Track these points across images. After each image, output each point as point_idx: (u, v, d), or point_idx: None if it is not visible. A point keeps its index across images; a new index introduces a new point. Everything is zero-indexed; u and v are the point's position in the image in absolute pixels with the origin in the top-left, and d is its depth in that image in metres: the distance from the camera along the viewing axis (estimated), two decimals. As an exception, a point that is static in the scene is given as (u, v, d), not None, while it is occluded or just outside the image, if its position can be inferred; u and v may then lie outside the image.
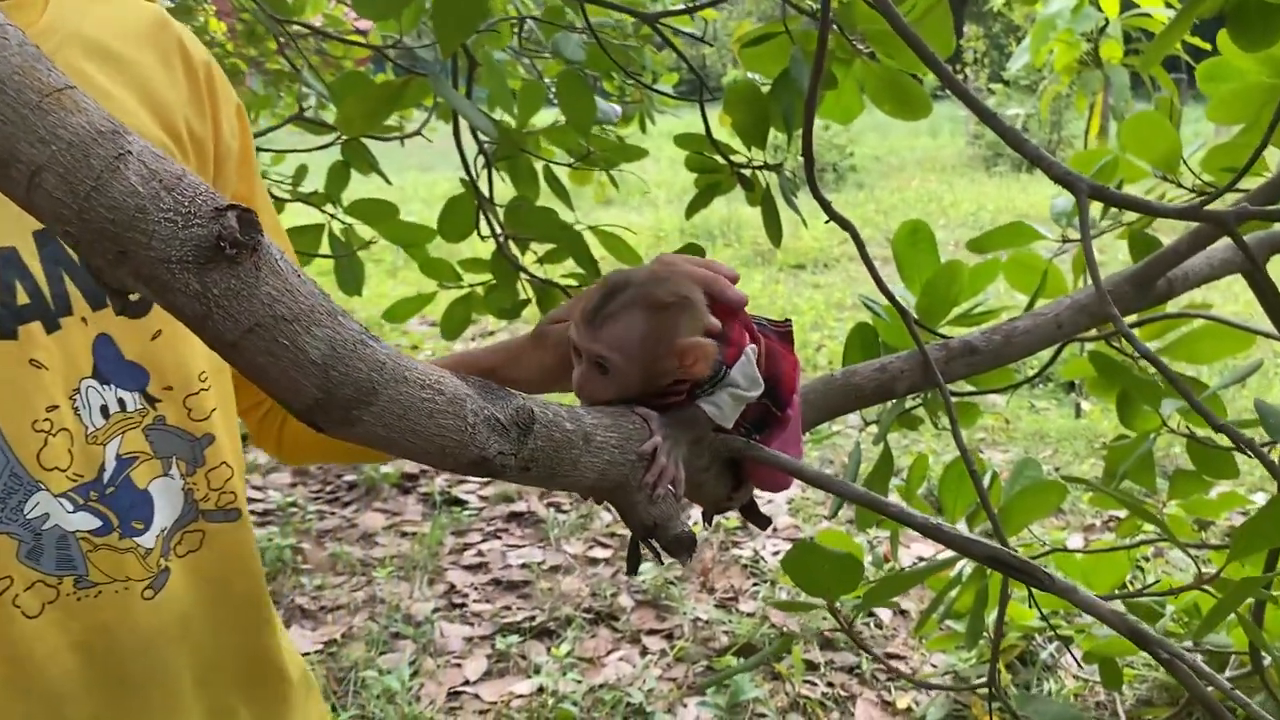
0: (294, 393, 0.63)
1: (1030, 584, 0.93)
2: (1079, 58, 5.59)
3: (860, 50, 1.92)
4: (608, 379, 0.96)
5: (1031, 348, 1.38)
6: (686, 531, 0.88)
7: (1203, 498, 2.39)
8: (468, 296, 2.40)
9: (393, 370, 0.65)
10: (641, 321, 0.97)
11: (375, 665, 3.39)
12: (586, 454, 0.78)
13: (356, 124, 1.60)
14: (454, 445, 0.67)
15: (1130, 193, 1.60)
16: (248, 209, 0.60)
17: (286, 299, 0.61)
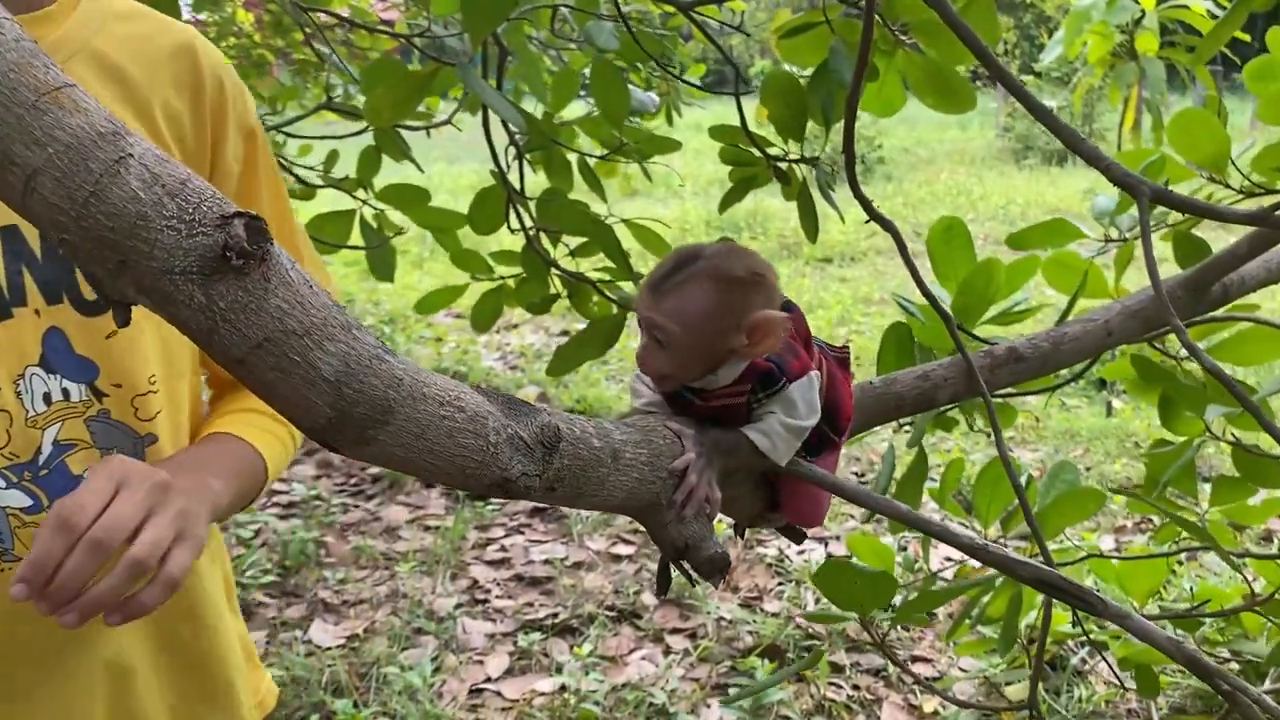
0: (306, 411, 0.59)
1: (1083, 609, 0.88)
2: (1113, 50, 5.49)
3: (903, 41, 1.86)
4: (666, 351, 0.92)
5: (1080, 355, 1.32)
6: (720, 552, 0.84)
7: (1244, 504, 2.32)
8: (498, 289, 2.37)
9: (410, 387, 0.60)
10: (709, 293, 0.93)
11: (397, 661, 3.36)
12: (615, 472, 0.74)
13: (385, 113, 1.57)
14: (475, 466, 0.63)
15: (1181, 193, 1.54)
16: (256, 216, 0.56)
17: (298, 312, 0.57)
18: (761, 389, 0.93)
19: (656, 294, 0.94)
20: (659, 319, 0.92)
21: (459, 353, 6.21)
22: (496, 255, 2.29)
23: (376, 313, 7.01)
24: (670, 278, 0.95)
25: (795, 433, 0.94)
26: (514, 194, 1.96)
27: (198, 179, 0.57)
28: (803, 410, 0.94)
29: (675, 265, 0.95)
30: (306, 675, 3.26)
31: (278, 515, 4.33)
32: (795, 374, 0.95)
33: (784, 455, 0.94)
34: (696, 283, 0.94)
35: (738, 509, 1.00)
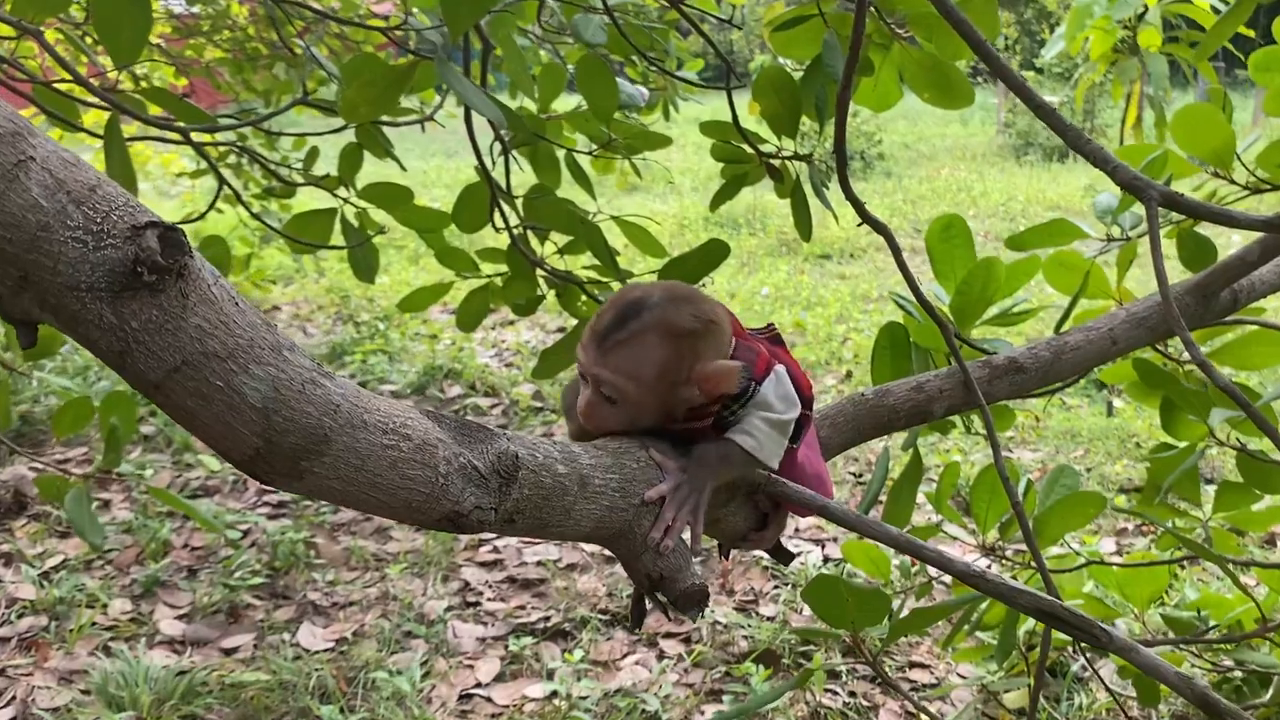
0: (231, 442, 0.53)
1: (1087, 641, 0.83)
2: (1116, 45, 5.43)
3: (899, 35, 1.80)
4: (616, 408, 0.87)
5: (1082, 365, 1.26)
6: (697, 584, 0.78)
7: (1248, 510, 2.26)
8: (485, 287, 2.31)
9: (349, 414, 0.55)
10: (658, 348, 0.88)
11: (386, 665, 3.31)
12: (582, 500, 0.68)
13: (361, 109, 1.51)
14: (422, 500, 0.57)
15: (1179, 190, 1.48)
16: (172, 226, 0.50)
17: (220, 333, 0.52)
18: (734, 402, 0.87)
19: (603, 349, 0.88)
20: (608, 375, 0.86)
21: (454, 350, 6.15)
22: (483, 253, 2.23)
23: (371, 310, 6.94)
24: (616, 331, 0.88)
25: (779, 428, 0.88)
26: (498, 191, 1.90)
27: (109, 184, 0.51)
28: (779, 405, 0.89)
29: (620, 317, 0.89)
30: (294, 679, 3.21)
31: (267, 515, 4.27)
32: (761, 375, 0.90)
33: (771, 455, 0.88)
34: (645, 337, 0.88)
35: (722, 529, 0.94)
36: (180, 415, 0.52)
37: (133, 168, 1.67)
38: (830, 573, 3.69)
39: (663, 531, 0.76)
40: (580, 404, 0.88)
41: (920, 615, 1.38)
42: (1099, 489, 4.48)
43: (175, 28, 5.13)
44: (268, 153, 5.24)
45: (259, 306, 5.82)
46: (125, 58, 1.55)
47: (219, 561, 3.91)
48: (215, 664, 3.31)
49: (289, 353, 0.53)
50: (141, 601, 3.69)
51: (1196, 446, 2.04)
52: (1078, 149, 0.82)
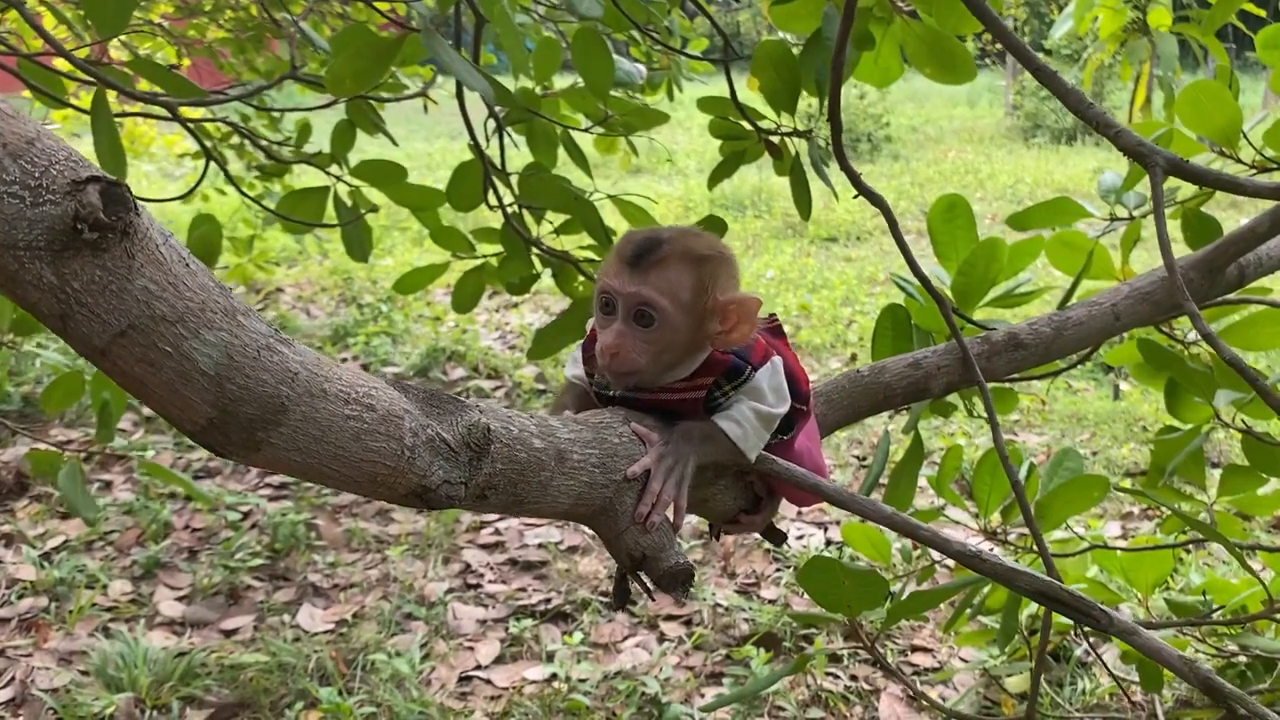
0: (182, 411, 0.51)
1: (1087, 624, 0.80)
2: (1125, 25, 5.36)
3: (901, 8, 1.77)
4: (650, 332, 0.87)
5: (1085, 341, 1.23)
6: (681, 563, 0.75)
7: (1254, 494, 2.24)
8: (480, 268, 2.28)
9: (307, 382, 0.52)
10: (688, 270, 0.90)
11: (386, 648, 3.29)
12: (560, 475, 0.65)
13: (347, 83, 1.47)
14: (387, 473, 0.55)
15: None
16: (115, 181, 0.47)
17: (169, 295, 0.49)
18: (727, 382, 0.86)
19: (638, 271, 0.89)
20: (649, 292, 0.87)
21: (457, 332, 6.13)
22: (479, 233, 2.20)
23: (375, 292, 6.92)
24: (647, 255, 0.90)
25: (766, 421, 0.87)
26: (492, 169, 1.87)
27: (50, 137, 0.48)
28: (771, 397, 0.88)
29: (644, 245, 0.91)
30: (293, 661, 3.20)
31: (268, 497, 4.26)
32: (759, 362, 0.89)
33: (754, 447, 0.87)
34: (673, 261, 0.90)
35: (712, 509, 0.91)
36: (129, 383, 0.50)
37: (121, 144, 1.65)
38: (828, 555, 3.67)
39: (649, 506, 0.74)
40: (608, 341, 0.88)
41: (919, 599, 1.35)
42: (1105, 472, 4.45)
43: (178, 7, 5.10)
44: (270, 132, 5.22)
45: (262, 289, 5.79)
46: (110, 28, 1.52)
47: (219, 543, 3.90)
48: (215, 645, 3.31)
49: (243, 317, 0.51)
50: (142, 583, 3.68)
51: (1201, 429, 2.01)
52: (1079, 113, 0.79)
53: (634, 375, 0.89)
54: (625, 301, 0.88)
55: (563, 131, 2.14)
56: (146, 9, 5.07)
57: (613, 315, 0.90)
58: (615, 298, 0.89)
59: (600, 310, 0.92)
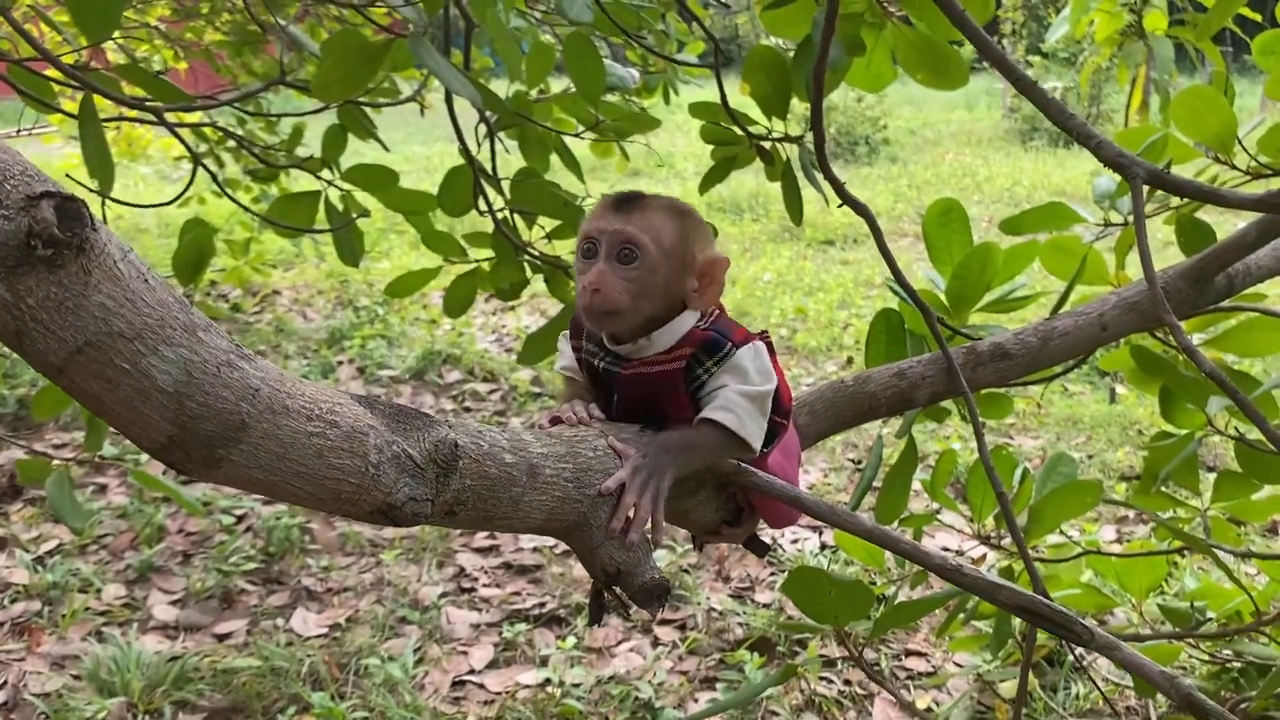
0: (141, 428, 0.50)
1: (1069, 638, 0.79)
2: (1121, 29, 5.36)
3: (892, 14, 1.76)
4: (632, 270, 0.90)
5: (1071, 351, 1.22)
6: (656, 578, 0.75)
7: (1248, 500, 2.23)
8: (473, 272, 2.27)
9: (269, 399, 0.52)
10: (671, 217, 0.94)
11: (379, 652, 3.29)
12: (531, 491, 0.65)
13: (334, 88, 1.47)
14: (351, 490, 0.54)
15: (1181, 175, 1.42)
16: (71, 197, 0.47)
17: (127, 311, 0.48)
18: (707, 357, 0.88)
19: (623, 212, 0.92)
20: (632, 230, 0.90)
21: (453, 335, 6.12)
22: (470, 237, 2.20)
23: (371, 294, 6.92)
24: (631, 201, 0.94)
25: (757, 402, 0.88)
26: (481, 174, 1.86)
27: (5, 151, 0.48)
28: (756, 377, 0.89)
29: (630, 194, 0.96)
30: (286, 665, 3.19)
31: (262, 500, 4.25)
32: (740, 341, 0.89)
33: (754, 433, 0.87)
34: (659, 207, 0.94)
35: (693, 521, 0.91)
36: (87, 400, 0.49)
37: (108, 150, 1.64)
38: (812, 565, 3.66)
39: (623, 522, 0.73)
40: (589, 279, 0.91)
41: (906, 609, 1.35)
42: (1100, 476, 4.45)
43: (174, 9, 5.09)
44: (267, 134, 5.21)
45: (259, 291, 5.77)
46: (98, 34, 1.51)
47: (213, 547, 3.89)
48: (208, 649, 3.30)
49: (204, 333, 0.50)
50: (135, 586, 3.67)
51: (1195, 435, 2.00)
52: (1061, 125, 0.78)
53: (614, 317, 0.90)
54: (609, 239, 0.91)
55: (555, 136, 2.14)
56: (143, 11, 5.07)
57: (594, 259, 0.92)
58: (599, 238, 0.92)
59: (582, 257, 0.95)
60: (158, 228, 8.50)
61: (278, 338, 6.14)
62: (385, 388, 5.49)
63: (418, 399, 5.35)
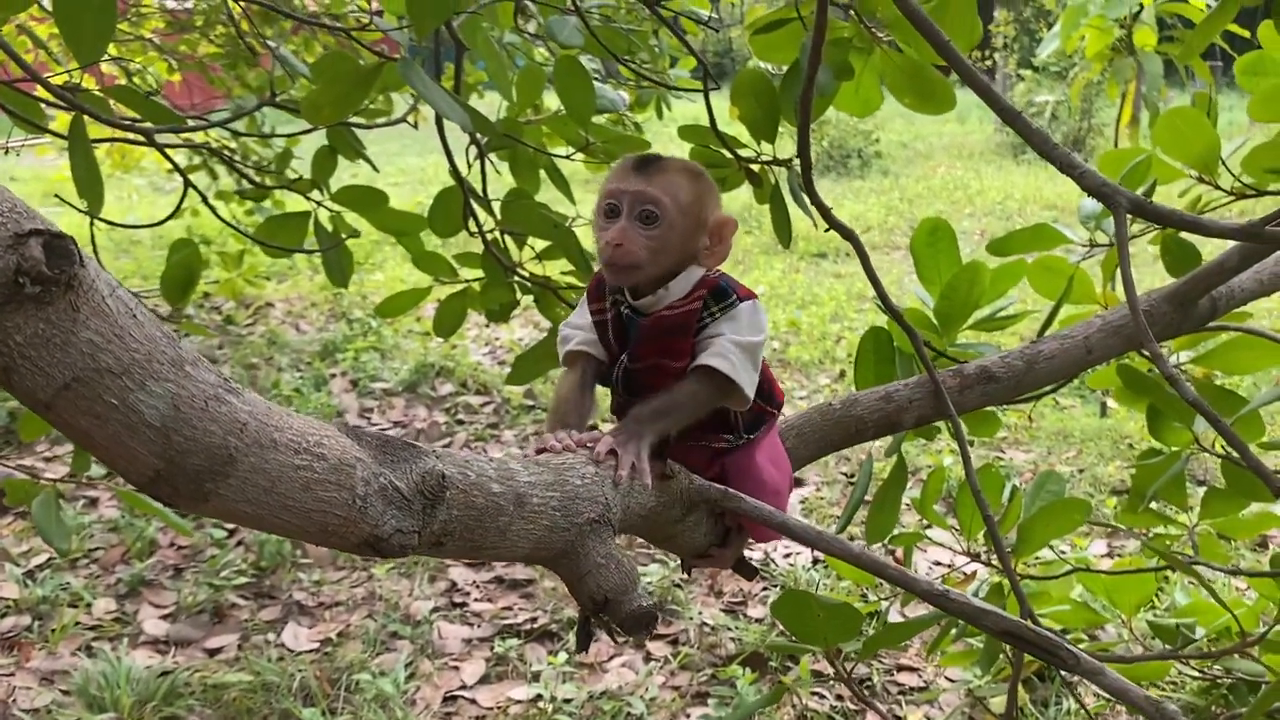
0: (128, 463, 0.50)
1: (1054, 664, 0.80)
2: (1111, 44, 5.40)
3: (880, 39, 1.77)
4: (653, 229, 0.97)
5: (1057, 374, 1.23)
6: (644, 606, 0.75)
7: (1236, 517, 2.24)
8: (463, 292, 2.28)
9: (256, 432, 0.52)
10: (688, 179, 1.01)
11: (370, 667, 3.28)
12: (519, 520, 0.65)
13: (325, 110, 1.47)
14: (339, 523, 0.55)
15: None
16: (59, 234, 0.47)
17: (115, 347, 0.49)
18: (714, 302, 0.98)
19: (645, 173, 0.99)
20: (654, 190, 0.97)
21: (446, 348, 6.12)
22: (461, 257, 2.20)
23: (364, 307, 6.92)
24: (651, 162, 1.01)
25: (749, 351, 0.95)
26: (471, 195, 1.87)
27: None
28: (749, 329, 0.97)
29: (649, 155, 1.03)
30: (277, 681, 3.18)
31: (254, 515, 4.24)
32: (745, 296, 1.00)
33: (746, 380, 0.95)
34: (677, 169, 1.01)
35: (681, 545, 0.91)
36: (74, 435, 0.50)
37: (98, 170, 1.64)
38: (804, 581, 3.66)
39: (615, 465, 0.80)
40: (611, 235, 0.98)
41: (895, 630, 1.35)
42: (1091, 491, 4.46)
43: (169, 23, 5.10)
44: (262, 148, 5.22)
45: (252, 304, 5.77)
46: (89, 56, 1.51)
47: (205, 561, 3.88)
48: (198, 664, 3.29)
49: (191, 368, 0.51)
50: (126, 601, 3.66)
51: (1182, 453, 2.01)
52: (1044, 154, 0.79)
53: (634, 270, 0.98)
54: (631, 199, 0.98)
55: (544, 157, 2.15)
56: (137, 25, 5.08)
57: (616, 218, 0.99)
58: (621, 197, 0.99)
59: (604, 216, 1.01)
60: (151, 239, 8.50)
61: (270, 350, 6.14)
62: (378, 400, 5.49)
63: (410, 412, 5.35)
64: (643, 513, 0.79)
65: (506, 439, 5.02)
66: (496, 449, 4.88)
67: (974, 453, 4.78)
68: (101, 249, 8.35)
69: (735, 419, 1.00)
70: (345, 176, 2.24)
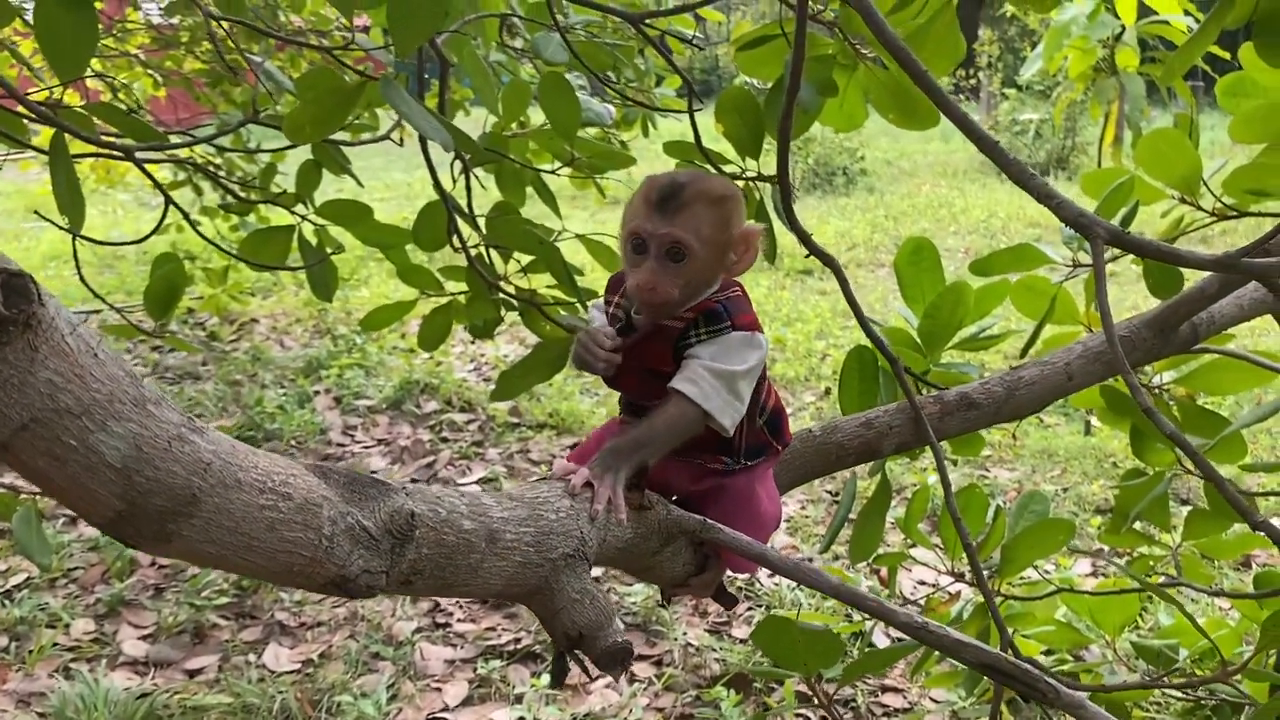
0: (89, 504, 0.49)
1: (1034, 697, 0.79)
2: (1094, 65, 5.43)
3: (864, 56, 1.78)
4: (680, 267, 1.00)
5: (1038, 401, 1.23)
6: (620, 641, 0.74)
7: (1219, 538, 2.24)
8: (448, 306, 2.27)
9: (220, 472, 0.51)
10: (710, 210, 1.03)
11: (352, 689, 3.25)
12: (491, 557, 0.64)
13: (307, 129, 1.46)
14: (304, 563, 0.54)
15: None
16: (18, 273, 0.46)
17: (74, 387, 0.48)
18: (704, 324, 0.99)
19: (667, 213, 1.01)
20: (679, 233, 1.00)
21: (431, 365, 6.10)
22: (446, 271, 2.19)
23: (349, 323, 6.89)
24: (673, 199, 1.02)
25: (723, 378, 0.94)
26: (454, 210, 1.86)
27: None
28: (735, 358, 0.97)
29: (670, 188, 1.04)
30: (257, 702, 3.15)
31: (236, 533, 4.21)
32: (741, 325, 1.01)
33: (719, 407, 0.94)
34: (699, 201, 1.02)
35: (660, 575, 0.90)
36: (33, 476, 0.49)
37: (79, 187, 1.63)
38: (788, 603, 3.65)
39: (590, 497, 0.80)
40: (644, 279, 1.01)
41: (876, 657, 1.34)
42: (1075, 510, 4.46)
43: (154, 38, 5.08)
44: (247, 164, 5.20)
45: (237, 319, 5.73)
46: (70, 73, 1.50)
47: (186, 580, 3.85)
48: (178, 686, 3.25)
49: (154, 407, 0.50)
50: (105, 621, 3.63)
51: (1165, 474, 2.01)
52: (1022, 184, 0.79)
53: (666, 306, 1.02)
54: (657, 242, 1.01)
55: (530, 171, 2.14)
56: (122, 40, 5.06)
57: (644, 254, 1.02)
58: (647, 239, 1.02)
59: (632, 251, 1.04)
60: (136, 254, 8.46)
61: (254, 366, 6.11)
62: (362, 418, 5.46)
63: (394, 429, 5.33)
64: (620, 545, 0.78)
65: (491, 457, 4.99)
66: (481, 467, 4.86)
67: (958, 471, 4.78)
68: (85, 264, 8.30)
69: (738, 442, 1.01)
70: (331, 191, 2.23)
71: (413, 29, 1.35)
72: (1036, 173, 0.79)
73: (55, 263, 8.37)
